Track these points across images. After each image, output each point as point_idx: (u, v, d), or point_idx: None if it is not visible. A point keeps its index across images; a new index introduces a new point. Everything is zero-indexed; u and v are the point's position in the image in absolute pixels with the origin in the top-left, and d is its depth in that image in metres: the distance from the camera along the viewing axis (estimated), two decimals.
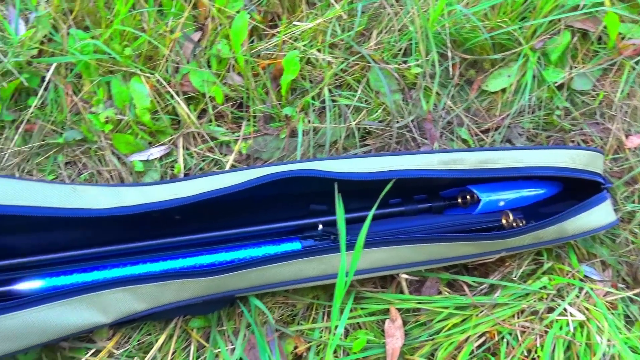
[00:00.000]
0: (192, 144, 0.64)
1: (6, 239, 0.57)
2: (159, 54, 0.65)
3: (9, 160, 0.62)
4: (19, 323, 0.46)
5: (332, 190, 0.59)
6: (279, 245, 0.58)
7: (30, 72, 0.63)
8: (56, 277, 0.55)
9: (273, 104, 0.65)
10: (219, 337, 0.54)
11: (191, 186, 0.53)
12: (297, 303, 0.58)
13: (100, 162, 0.63)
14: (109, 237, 0.57)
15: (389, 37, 0.67)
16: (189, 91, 0.65)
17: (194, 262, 0.57)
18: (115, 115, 0.62)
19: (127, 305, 0.50)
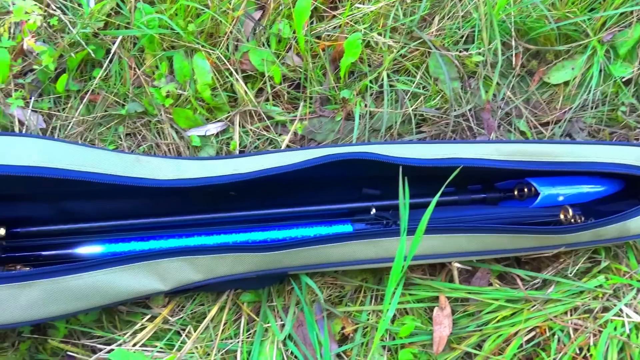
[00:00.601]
0: (249, 122, 0.65)
1: (69, 204, 0.59)
2: (220, 32, 0.66)
3: (73, 128, 0.64)
4: (83, 284, 0.48)
5: (385, 174, 0.59)
6: (331, 226, 0.59)
7: (97, 43, 0.65)
8: (115, 243, 0.57)
9: (330, 86, 0.65)
10: (269, 312, 0.55)
11: (251, 163, 0.54)
12: (345, 285, 0.58)
13: (159, 135, 0.65)
14: (166, 208, 0.59)
15: (452, 23, 0.66)
16: (247, 69, 0.66)
17: (246, 237, 0.58)
18: (176, 89, 0.64)
19: (185, 274, 0.51)
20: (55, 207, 0.59)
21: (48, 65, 0.61)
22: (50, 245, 0.57)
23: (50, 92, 0.65)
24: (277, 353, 0.53)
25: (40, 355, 0.55)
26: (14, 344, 0.54)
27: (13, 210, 0.58)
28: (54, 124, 0.64)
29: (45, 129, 0.64)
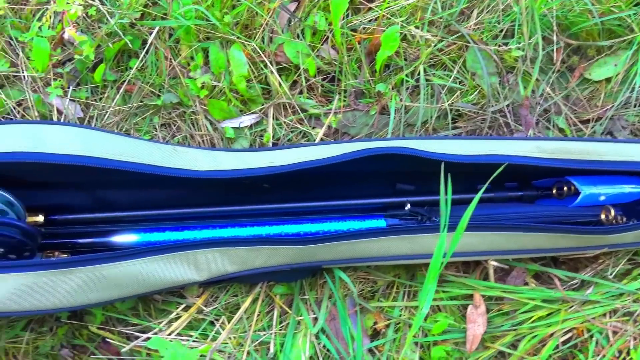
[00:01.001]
0: (282, 115, 0.65)
1: (105, 192, 0.60)
2: (255, 23, 0.66)
3: (109, 118, 0.65)
4: (122, 272, 0.48)
5: (419, 170, 0.59)
6: (364, 221, 0.58)
7: (133, 34, 0.65)
8: (150, 233, 0.58)
9: (365, 79, 0.64)
10: (301, 305, 0.55)
11: (286, 155, 0.54)
12: (378, 280, 0.58)
13: (193, 126, 0.65)
14: (200, 199, 0.59)
15: (491, 17, 0.65)
16: (282, 62, 0.65)
17: (279, 230, 0.58)
18: (211, 81, 0.64)
19: (220, 266, 0.51)
20: (91, 195, 0.60)
21: (88, 55, 0.61)
22: (87, 233, 0.58)
23: (87, 82, 0.66)
24: (310, 346, 0.53)
25: (76, 340, 0.56)
26: (52, 329, 0.56)
27: (50, 198, 0.58)
28: (91, 113, 0.65)
29: (83, 118, 0.65)
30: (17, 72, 0.65)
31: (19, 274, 0.46)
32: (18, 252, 0.54)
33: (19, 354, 0.55)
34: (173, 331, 0.52)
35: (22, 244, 0.52)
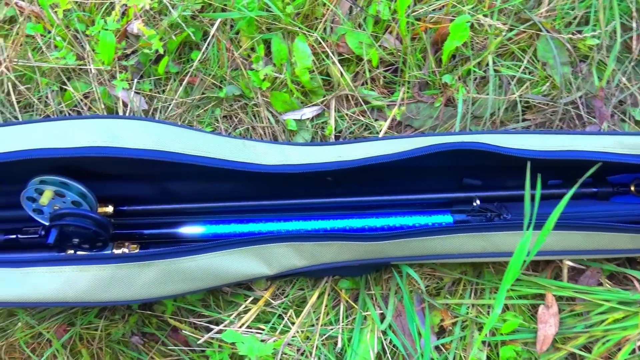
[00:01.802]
0: (344, 107, 0.64)
1: (171, 184, 0.60)
2: (316, 13, 0.65)
3: (172, 110, 0.66)
4: (196, 266, 0.49)
5: (487, 164, 0.57)
6: (431, 216, 0.57)
7: (195, 26, 0.65)
8: (216, 225, 0.59)
9: (430, 70, 0.62)
10: (368, 300, 0.54)
11: (354, 150, 0.53)
12: (444, 276, 0.57)
13: (254, 118, 0.65)
14: (264, 191, 0.59)
15: (564, 3, 0.62)
16: (343, 52, 0.64)
17: (344, 224, 0.57)
18: (273, 73, 0.63)
19: (290, 260, 0.51)
20: (158, 186, 0.61)
21: (154, 48, 0.62)
22: (154, 224, 0.59)
23: (150, 74, 0.66)
24: (377, 342, 0.52)
25: (146, 328, 0.57)
26: (124, 317, 0.57)
27: (119, 189, 0.60)
28: (154, 105, 0.66)
29: (147, 110, 0.66)
30: (84, 65, 0.66)
31: (99, 266, 0.47)
32: (91, 243, 0.55)
33: (93, 339, 0.57)
34: (243, 324, 0.52)
35: (96, 235, 0.54)
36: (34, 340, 0.56)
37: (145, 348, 0.56)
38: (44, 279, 0.47)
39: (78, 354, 0.56)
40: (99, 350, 0.56)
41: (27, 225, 0.60)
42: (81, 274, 0.47)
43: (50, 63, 0.65)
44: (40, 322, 0.57)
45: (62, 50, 0.65)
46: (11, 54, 0.64)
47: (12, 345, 0.56)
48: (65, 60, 0.64)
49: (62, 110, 0.66)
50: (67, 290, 0.47)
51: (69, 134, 0.48)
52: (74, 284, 0.47)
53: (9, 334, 0.56)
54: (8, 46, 0.66)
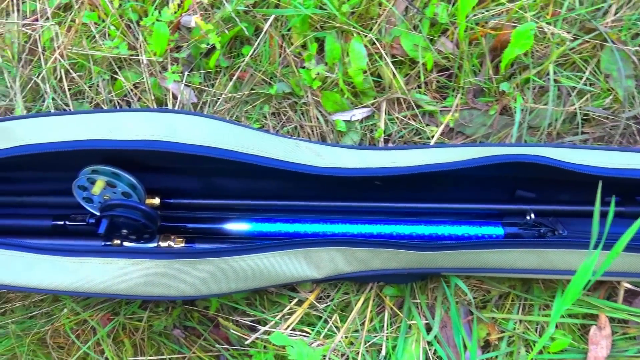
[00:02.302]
0: (396, 110, 0.63)
1: (217, 179, 0.60)
2: (370, 13, 0.63)
3: (221, 104, 0.65)
4: (247, 265, 0.49)
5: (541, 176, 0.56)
6: (481, 227, 0.56)
7: (248, 20, 0.65)
8: (261, 223, 0.58)
9: (486, 76, 0.61)
10: (413, 309, 0.54)
11: (409, 157, 0.52)
12: (491, 289, 0.56)
13: (303, 117, 0.64)
14: (310, 192, 0.59)
15: (631, 13, 0.59)
16: (397, 54, 0.63)
17: (391, 230, 0.57)
18: (325, 72, 0.62)
19: (339, 265, 0.51)
20: (203, 181, 0.60)
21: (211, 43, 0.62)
22: (200, 219, 0.59)
23: (200, 67, 0.66)
24: (422, 352, 0.52)
25: (188, 322, 0.58)
26: (167, 309, 0.57)
27: (166, 181, 0.60)
28: (204, 99, 0.66)
29: (196, 103, 0.66)
30: (136, 55, 0.66)
31: (152, 261, 0.47)
32: (139, 234, 0.56)
33: (135, 330, 0.57)
34: (289, 326, 0.52)
35: (145, 227, 0.54)
36: (78, 327, 0.57)
37: (187, 342, 0.57)
38: (97, 270, 0.47)
39: (120, 344, 0.57)
40: (141, 341, 0.56)
41: (75, 212, 0.61)
42: (134, 267, 0.47)
43: (103, 52, 0.65)
44: (85, 309, 0.57)
45: (115, 39, 0.65)
46: (66, 41, 0.65)
47: (57, 331, 0.57)
48: (118, 49, 0.65)
49: (112, 99, 0.66)
50: (119, 283, 0.47)
51: (127, 126, 0.49)
52: (126, 277, 0.47)
53: (55, 319, 0.57)
54: (63, 33, 0.66)
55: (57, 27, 0.66)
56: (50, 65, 0.65)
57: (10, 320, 0.57)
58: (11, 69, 0.66)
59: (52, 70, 0.66)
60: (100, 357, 0.56)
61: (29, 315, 0.58)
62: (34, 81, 0.66)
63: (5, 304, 0.59)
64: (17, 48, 0.67)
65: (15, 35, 0.67)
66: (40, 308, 0.58)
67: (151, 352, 0.56)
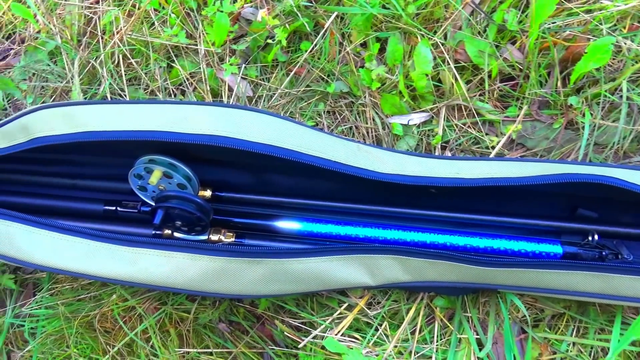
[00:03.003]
0: (455, 117, 0.61)
1: (269, 176, 0.60)
2: (435, 15, 0.62)
3: (276, 100, 0.65)
4: (304, 269, 0.48)
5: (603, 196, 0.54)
6: (539, 244, 0.55)
7: (309, 16, 0.64)
8: (312, 223, 0.58)
9: (553, 89, 0.59)
10: (465, 323, 0.53)
11: (474, 168, 0.51)
12: (545, 308, 0.54)
13: (359, 117, 0.63)
14: (362, 195, 0.58)
15: None
16: (460, 60, 0.61)
17: (445, 240, 0.55)
18: (385, 73, 0.61)
19: (394, 274, 0.50)
20: (256, 176, 0.60)
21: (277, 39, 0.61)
22: (250, 214, 0.59)
23: (257, 61, 0.66)
24: None
25: (233, 317, 0.58)
26: (214, 303, 0.57)
27: (218, 174, 0.59)
28: (259, 93, 0.65)
29: (251, 97, 0.65)
30: (194, 44, 0.65)
31: (210, 257, 0.47)
32: (191, 226, 0.56)
33: (181, 320, 0.58)
34: (339, 331, 0.51)
35: (198, 220, 0.54)
36: (125, 313, 0.57)
37: (231, 337, 0.57)
38: (155, 262, 0.48)
39: (166, 333, 0.57)
40: (187, 332, 0.57)
41: (126, 198, 0.61)
42: (192, 262, 0.47)
43: (162, 39, 0.65)
44: (133, 296, 0.58)
45: (175, 27, 0.65)
46: (127, 27, 0.65)
47: (104, 315, 0.58)
48: (177, 38, 0.64)
49: (167, 87, 0.66)
50: (176, 277, 0.47)
51: (191, 119, 0.48)
52: (184, 272, 0.47)
53: (103, 304, 0.58)
54: (123, 18, 0.66)
55: (117, 11, 0.66)
56: (108, 49, 0.65)
57: (60, 301, 0.58)
58: (69, 50, 0.67)
59: (110, 54, 0.66)
60: (146, 344, 0.56)
61: (77, 298, 0.59)
62: (91, 64, 0.66)
63: (55, 284, 0.60)
64: (77, 30, 0.67)
65: (76, 17, 0.67)
66: (88, 292, 0.59)
67: (196, 343, 0.56)
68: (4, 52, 0.73)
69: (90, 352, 0.57)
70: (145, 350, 0.55)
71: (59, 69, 0.68)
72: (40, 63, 0.69)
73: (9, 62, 0.72)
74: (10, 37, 0.73)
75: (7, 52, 0.72)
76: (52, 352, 0.57)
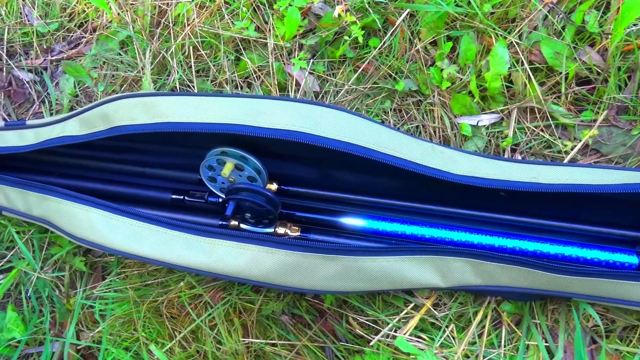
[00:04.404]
0: (527, 119, 0.60)
1: (334, 171, 0.60)
2: (510, 14, 0.60)
3: (343, 96, 0.65)
4: (377, 267, 0.48)
5: None
6: (613, 254, 0.53)
7: (379, 12, 0.63)
8: (378, 220, 0.58)
9: (633, 93, 0.57)
10: (534, 329, 0.52)
11: (552, 173, 0.50)
12: (617, 319, 0.53)
13: (426, 116, 0.63)
14: (428, 194, 0.57)
15: None
16: (535, 61, 0.60)
17: (514, 244, 0.54)
18: (456, 73, 0.60)
19: (466, 277, 0.50)
20: (321, 171, 0.60)
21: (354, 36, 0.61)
22: (315, 209, 0.59)
23: (324, 56, 0.66)
24: None
25: (296, 310, 0.58)
26: (279, 295, 0.58)
27: (283, 168, 0.60)
28: (326, 88, 0.65)
29: (318, 92, 0.65)
30: (263, 38, 0.66)
31: (286, 252, 0.47)
32: (259, 219, 0.56)
33: (244, 310, 0.59)
34: (407, 330, 0.52)
35: (267, 213, 0.55)
36: (192, 300, 0.59)
37: (294, 329, 0.57)
38: (230, 254, 0.48)
39: (230, 322, 0.58)
40: (250, 323, 0.58)
41: (193, 188, 0.63)
42: (267, 255, 0.48)
43: (232, 32, 0.66)
44: (199, 284, 0.59)
45: (244, 20, 0.65)
46: (199, 19, 0.66)
47: (171, 301, 0.59)
48: (247, 31, 0.65)
49: (234, 79, 0.67)
50: (252, 269, 0.48)
51: (269, 113, 0.48)
52: (259, 264, 0.48)
53: (170, 290, 0.59)
54: (195, 10, 0.67)
55: (189, 3, 0.67)
56: (179, 41, 0.66)
57: (129, 285, 0.60)
58: (141, 41, 0.68)
59: (180, 45, 0.67)
60: (211, 332, 0.57)
61: (145, 284, 0.61)
62: (162, 55, 0.67)
63: (124, 269, 0.62)
64: (149, 21, 0.69)
65: (148, 8, 0.68)
66: (155, 277, 0.61)
67: (259, 334, 0.57)
68: (76, 40, 0.75)
69: (156, 336, 0.58)
70: (210, 337, 0.56)
71: (129, 59, 0.70)
72: (111, 52, 0.71)
73: (81, 50, 0.74)
74: (82, 25, 0.75)
75: (79, 41, 0.74)
76: (120, 334, 0.59)
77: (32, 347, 0.61)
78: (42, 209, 0.57)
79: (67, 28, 0.74)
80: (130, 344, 0.58)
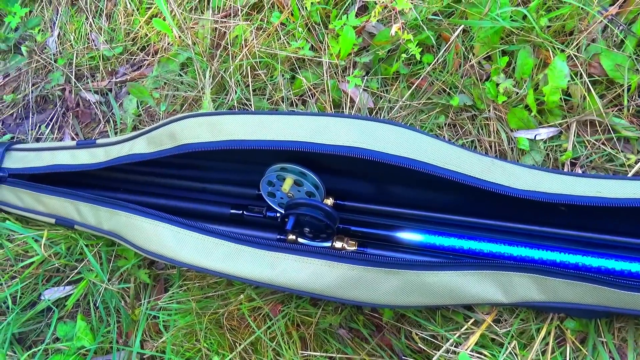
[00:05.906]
0: (587, 132, 0.59)
1: (390, 186, 0.60)
2: (567, 27, 0.60)
3: (397, 112, 0.66)
4: (438, 282, 0.48)
5: None
6: None
7: (432, 28, 0.64)
8: (435, 235, 0.58)
9: None
10: (601, 348, 0.51)
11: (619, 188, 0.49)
12: None
13: (482, 131, 0.63)
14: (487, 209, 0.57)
15: None
16: (594, 73, 0.59)
17: (576, 260, 0.53)
18: (513, 87, 0.60)
19: (529, 293, 0.49)
20: (377, 186, 0.61)
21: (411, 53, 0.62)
22: (372, 224, 0.60)
23: (378, 73, 0.67)
24: None
25: (352, 324, 0.59)
26: (336, 308, 0.59)
27: (339, 183, 0.60)
28: (379, 105, 0.66)
29: (372, 108, 0.66)
30: (318, 56, 0.68)
31: (348, 266, 0.48)
32: (317, 233, 0.57)
33: (302, 323, 0.60)
34: (468, 346, 0.51)
35: (326, 227, 0.56)
36: (251, 313, 0.60)
37: (352, 343, 0.58)
38: (293, 267, 0.50)
39: (287, 335, 0.59)
40: (308, 335, 0.58)
41: (252, 203, 0.65)
42: (329, 269, 0.49)
43: (287, 52, 0.68)
44: (259, 296, 0.61)
45: (300, 40, 0.68)
46: (259, 40, 0.68)
47: (231, 313, 0.61)
48: (303, 50, 0.67)
49: (290, 97, 0.69)
50: (314, 282, 0.49)
51: (330, 130, 0.50)
52: (321, 278, 0.49)
53: (230, 302, 0.61)
54: (252, 31, 0.70)
55: (251, 26, 0.69)
56: (237, 61, 0.69)
57: (191, 297, 0.62)
58: (202, 62, 0.71)
59: (238, 66, 0.70)
60: (271, 343, 0.58)
61: (205, 296, 0.63)
62: (220, 75, 0.70)
63: (185, 282, 0.64)
64: (209, 43, 0.72)
65: (208, 31, 0.72)
66: (215, 290, 0.63)
67: (317, 347, 0.58)
68: (139, 62, 0.79)
69: (217, 348, 0.60)
70: (270, 349, 0.58)
71: (189, 79, 0.73)
72: (172, 73, 0.75)
73: (143, 72, 0.78)
74: (144, 49, 0.79)
75: (142, 63, 0.79)
76: (182, 345, 0.61)
77: (100, 356, 0.64)
78: (112, 223, 0.60)
79: (130, 51, 0.78)
80: (192, 354, 0.60)
